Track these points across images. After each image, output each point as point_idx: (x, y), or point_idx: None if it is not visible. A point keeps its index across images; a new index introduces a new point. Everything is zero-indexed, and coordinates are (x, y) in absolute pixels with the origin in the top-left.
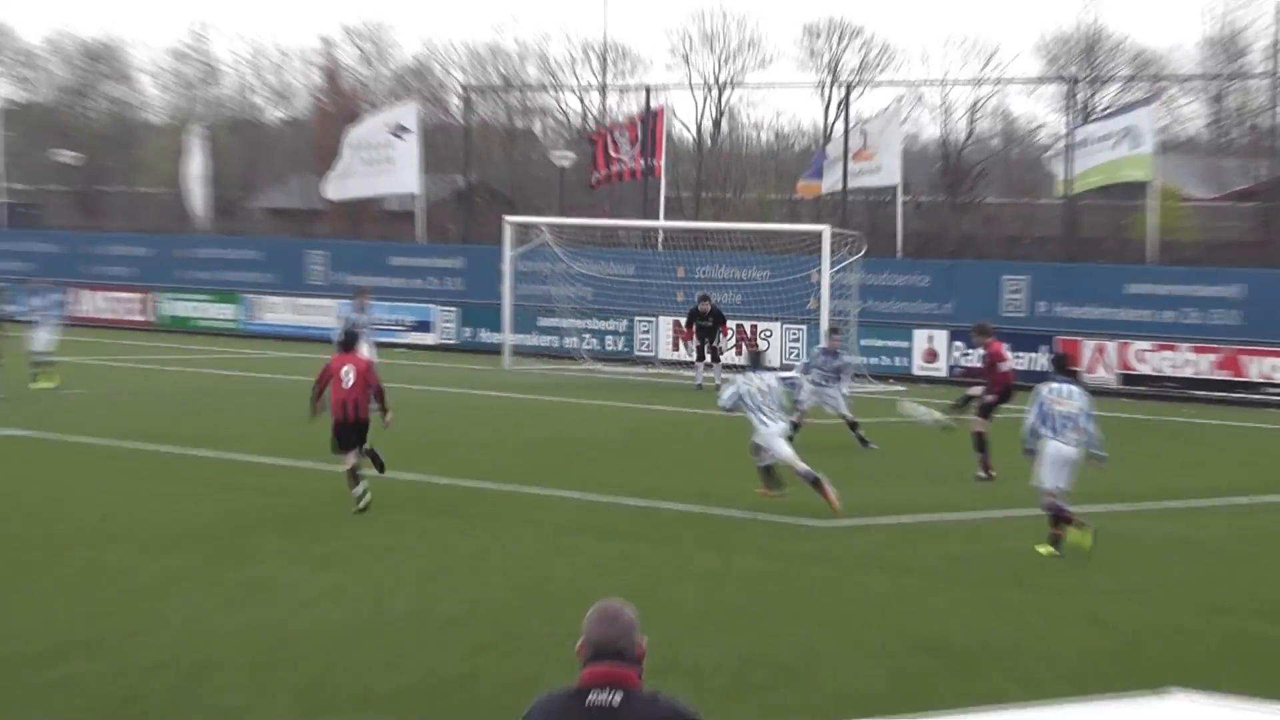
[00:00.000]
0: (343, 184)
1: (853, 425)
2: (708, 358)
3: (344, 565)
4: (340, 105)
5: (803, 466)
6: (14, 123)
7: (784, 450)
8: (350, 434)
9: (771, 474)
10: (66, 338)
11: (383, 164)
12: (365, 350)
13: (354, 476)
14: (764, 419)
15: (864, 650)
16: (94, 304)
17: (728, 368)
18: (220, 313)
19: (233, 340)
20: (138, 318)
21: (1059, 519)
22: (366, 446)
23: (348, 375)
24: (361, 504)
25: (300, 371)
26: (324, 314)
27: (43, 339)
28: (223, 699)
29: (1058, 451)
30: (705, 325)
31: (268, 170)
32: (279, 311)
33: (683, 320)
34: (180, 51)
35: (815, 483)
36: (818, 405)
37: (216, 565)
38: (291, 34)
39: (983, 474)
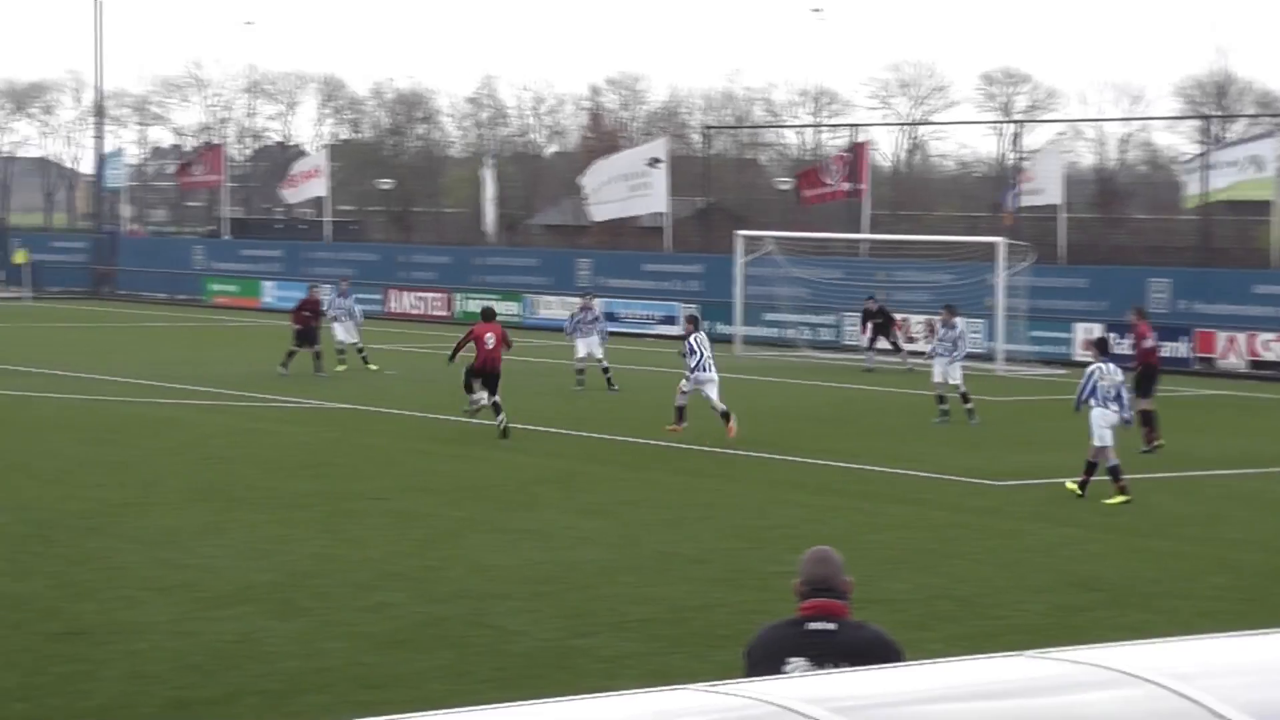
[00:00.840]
0: (606, 207)
1: (964, 396)
2: (879, 344)
3: (604, 514)
4: (603, 140)
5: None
6: (341, 156)
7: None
8: (489, 381)
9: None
10: (383, 329)
11: (640, 189)
12: (340, 332)
13: (495, 406)
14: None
15: (1031, 588)
16: (405, 303)
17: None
18: (506, 309)
19: (515, 331)
20: (440, 313)
21: (1101, 471)
22: (496, 398)
23: (490, 339)
24: (503, 426)
25: (570, 357)
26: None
27: (342, 332)
28: (506, 622)
29: (1103, 416)
30: (877, 322)
31: (544, 194)
32: (552, 308)
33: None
34: (475, 98)
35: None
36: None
37: (501, 514)
38: (564, 83)
39: (1145, 447)
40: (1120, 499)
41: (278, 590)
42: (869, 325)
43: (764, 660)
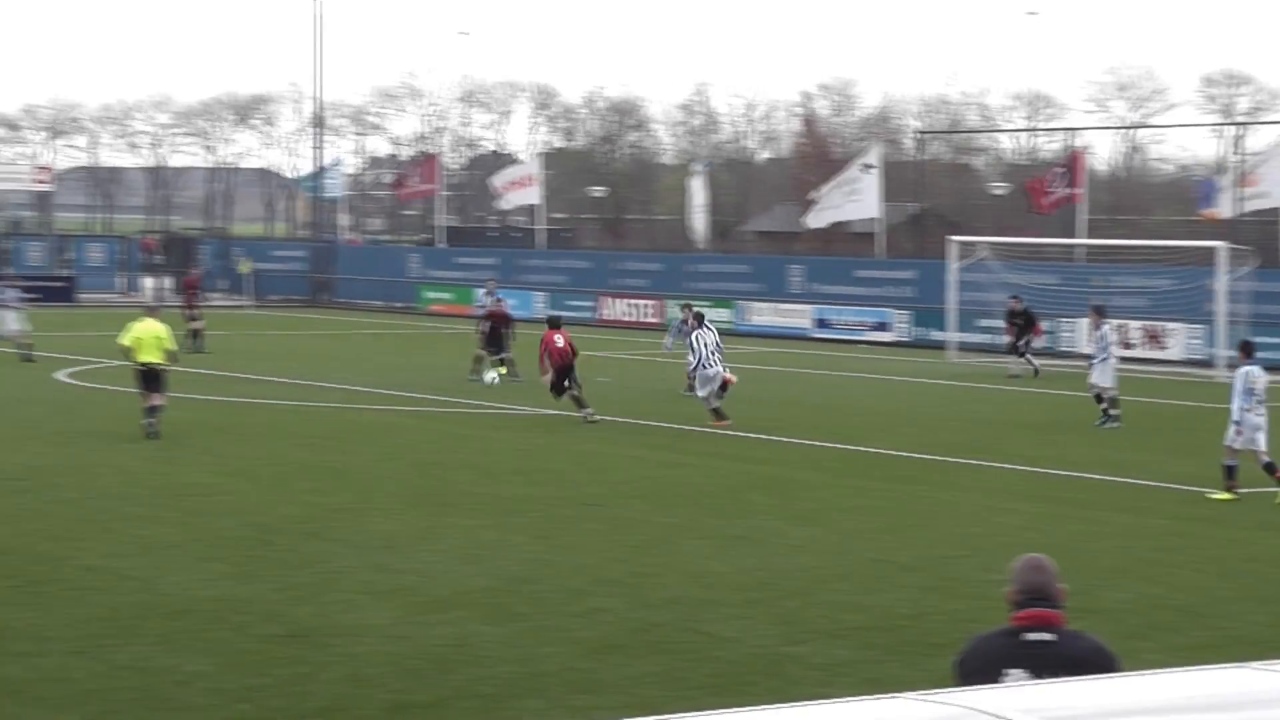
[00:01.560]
0: (819, 214)
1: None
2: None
3: (816, 521)
4: (815, 146)
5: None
6: (554, 164)
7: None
8: (565, 377)
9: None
10: (596, 336)
11: (852, 195)
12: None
13: (578, 401)
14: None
15: (1256, 598)
16: (617, 309)
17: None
18: (717, 315)
19: (727, 338)
20: (652, 320)
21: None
22: (575, 391)
23: (559, 340)
24: (592, 418)
25: (779, 364)
26: (801, 317)
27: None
28: (719, 628)
29: (1253, 420)
30: (1017, 323)
31: (756, 200)
32: (764, 315)
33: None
34: (687, 105)
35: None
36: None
37: (713, 520)
38: (776, 89)
39: None
40: (1227, 496)
41: (492, 595)
42: (1012, 326)
43: (979, 671)
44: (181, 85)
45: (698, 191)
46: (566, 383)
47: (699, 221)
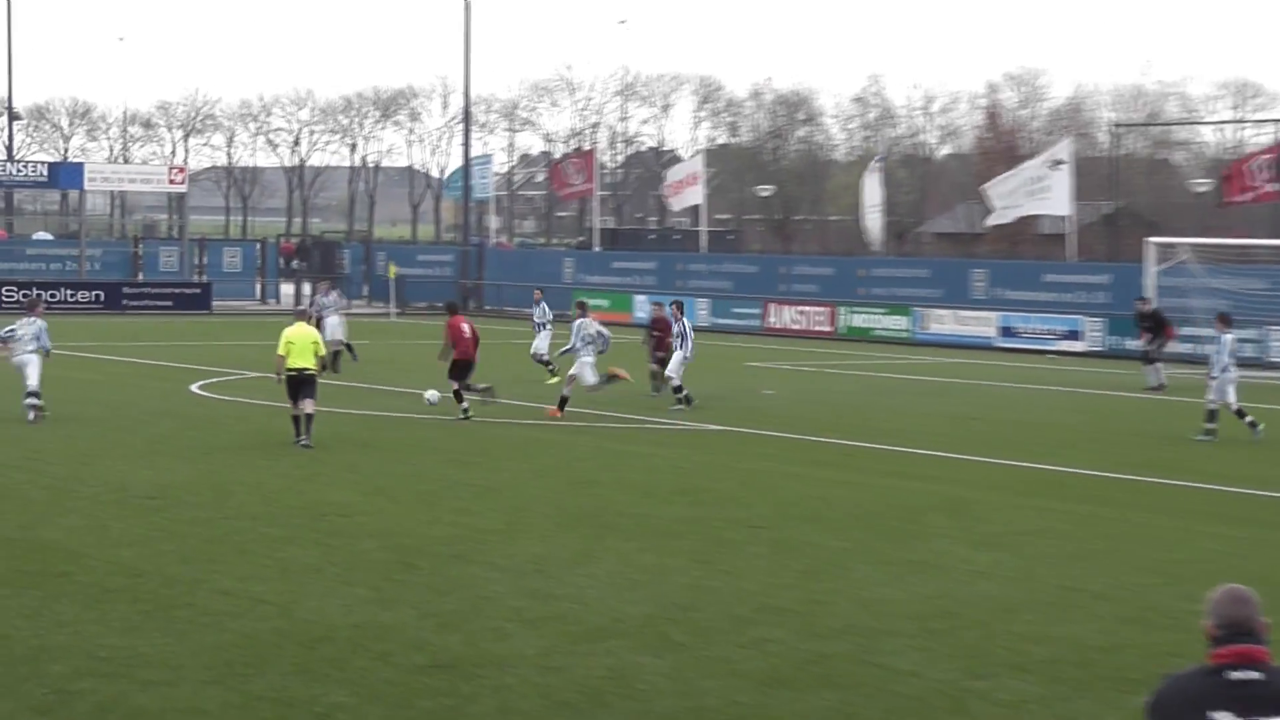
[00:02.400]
0: (1004, 211)
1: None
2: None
3: (999, 545)
4: (1000, 141)
5: None
6: (718, 161)
7: None
8: (467, 370)
9: None
10: (762, 345)
11: (1040, 192)
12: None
13: (469, 389)
14: None
15: None
16: (785, 317)
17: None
18: (894, 324)
19: (904, 348)
20: (822, 328)
21: None
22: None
23: (465, 328)
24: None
25: (959, 375)
26: (984, 325)
27: (542, 343)
28: (895, 661)
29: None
30: (1146, 325)
31: (936, 199)
32: (945, 323)
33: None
34: (861, 97)
35: None
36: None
37: (887, 544)
38: (958, 80)
39: None
40: None
41: (651, 624)
42: (1144, 331)
43: (1179, 714)
44: (323, 80)
45: (872, 190)
46: (465, 377)
47: (873, 222)
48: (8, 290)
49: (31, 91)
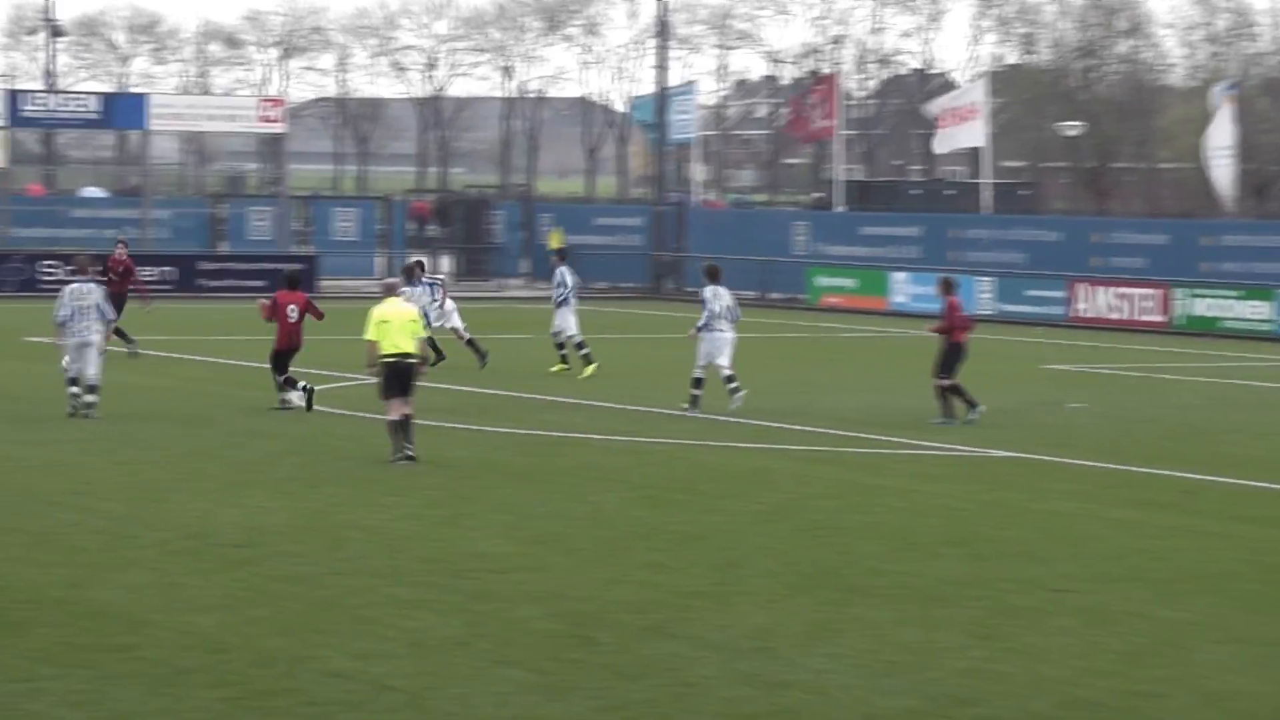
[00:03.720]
0: None
1: None
2: None
3: None
4: None
5: None
6: (1007, 88)
7: None
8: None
9: None
10: (1066, 339)
11: None
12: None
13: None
14: None
15: None
16: (1099, 302)
17: None
18: (1252, 311)
19: (1267, 344)
20: (1152, 318)
21: None
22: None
23: (293, 312)
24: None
25: None
26: None
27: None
28: None
29: None
30: None
31: None
32: None
33: None
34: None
35: None
36: None
37: (1244, 616)
38: None
39: None
40: None
41: None
42: None
43: None
44: None
45: (1222, 129)
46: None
47: (1223, 172)
48: (48, 266)
49: None
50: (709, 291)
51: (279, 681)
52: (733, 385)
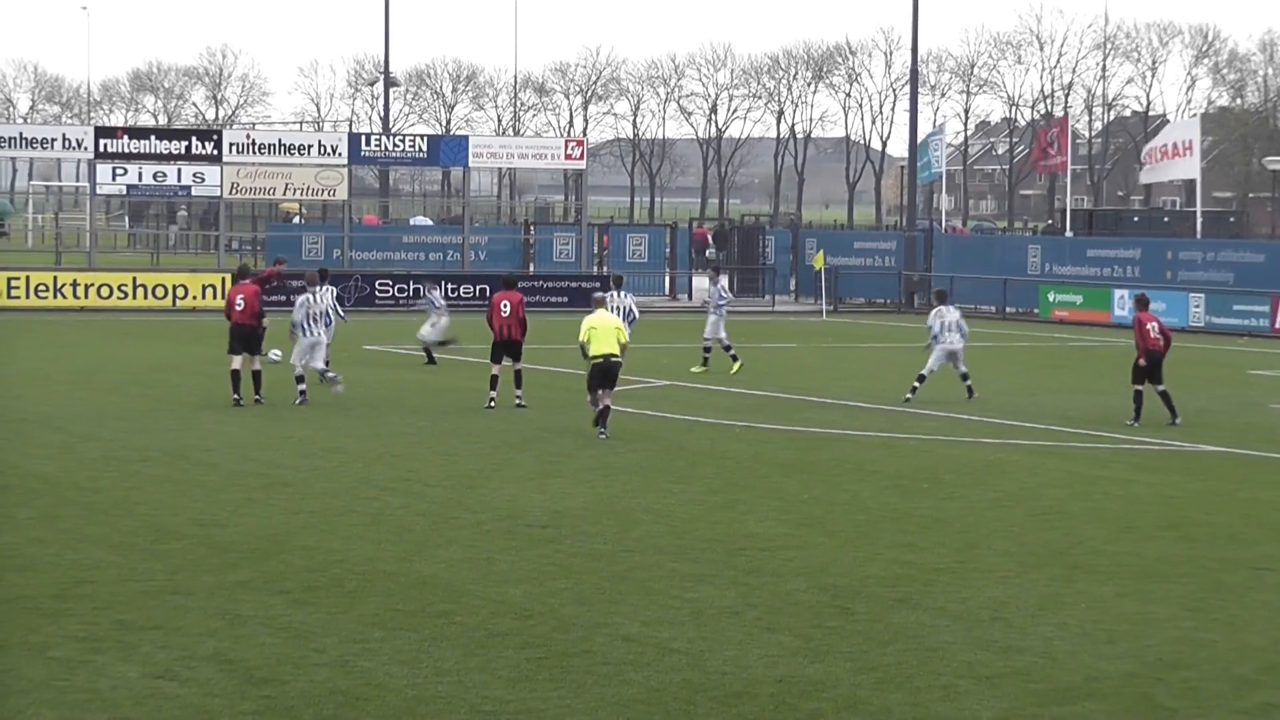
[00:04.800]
0: None
1: None
2: None
3: None
4: None
5: None
6: (1216, 128)
7: None
8: (511, 351)
9: None
10: (1271, 350)
11: None
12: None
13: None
14: None
15: None
16: None
17: None
18: None
19: None
20: None
21: None
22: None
23: (505, 307)
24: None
25: None
26: None
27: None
28: None
29: None
30: None
31: None
32: None
33: None
34: None
35: None
36: None
37: None
38: None
39: None
40: None
41: (1132, 683)
42: None
43: None
44: (744, 36)
45: None
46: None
47: None
48: (381, 284)
49: (410, 54)
50: (935, 312)
51: (577, 644)
52: (967, 383)
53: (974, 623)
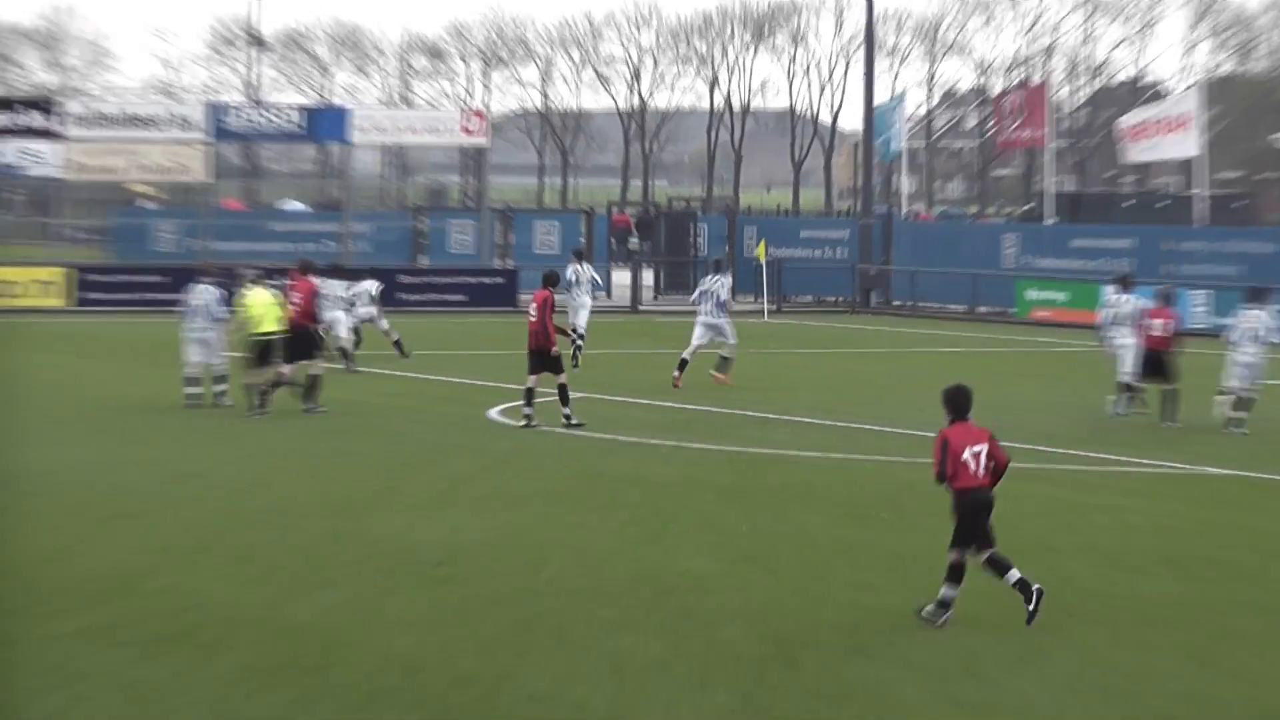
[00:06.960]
0: None
1: None
2: None
3: None
4: None
5: None
6: (1219, 98)
7: None
8: (543, 362)
9: None
10: None
11: None
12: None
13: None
14: None
15: None
16: None
17: None
18: None
19: None
20: None
21: None
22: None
23: (533, 309)
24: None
25: None
26: None
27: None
28: None
29: None
30: None
31: None
32: None
33: None
34: None
35: None
36: None
37: None
38: None
39: None
40: None
41: None
42: None
43: None
44: None
45: None
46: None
47: None
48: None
49: (282, 11)
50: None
51: (476, 704)
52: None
53: (943, 677)
